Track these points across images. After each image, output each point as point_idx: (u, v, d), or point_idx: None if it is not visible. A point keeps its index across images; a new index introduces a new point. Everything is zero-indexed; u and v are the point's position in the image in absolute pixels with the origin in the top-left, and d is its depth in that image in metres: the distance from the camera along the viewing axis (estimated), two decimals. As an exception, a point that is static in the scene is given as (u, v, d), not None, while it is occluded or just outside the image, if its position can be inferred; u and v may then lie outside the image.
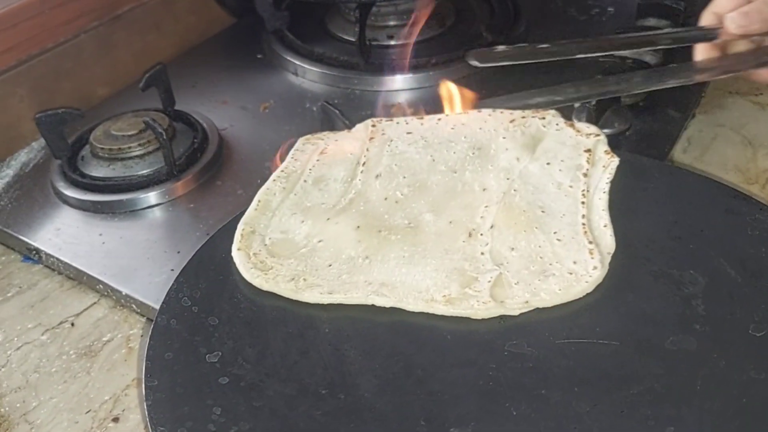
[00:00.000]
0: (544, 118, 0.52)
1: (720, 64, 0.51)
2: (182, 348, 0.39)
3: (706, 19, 0.51)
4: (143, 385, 0.37)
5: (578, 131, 0.51)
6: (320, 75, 0.71)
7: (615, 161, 0.49)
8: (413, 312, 0.41)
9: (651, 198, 0.48)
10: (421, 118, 0.54)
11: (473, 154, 0.50)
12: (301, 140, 0.54)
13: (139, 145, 0.60)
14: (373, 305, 0.41)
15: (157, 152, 0.60)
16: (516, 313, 0.41)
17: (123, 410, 0.44)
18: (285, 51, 0.74)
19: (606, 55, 0.62)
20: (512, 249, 0.44)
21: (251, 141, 0.64)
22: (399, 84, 0.69)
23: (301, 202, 0.49)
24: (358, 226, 0.46)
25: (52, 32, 0.68)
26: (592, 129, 0.51)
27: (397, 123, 0.54)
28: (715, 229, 0.45)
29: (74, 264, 0.53)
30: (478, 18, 0.76)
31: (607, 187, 0.47)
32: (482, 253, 0.44)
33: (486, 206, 0.47)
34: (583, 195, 0.47)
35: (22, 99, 0.67)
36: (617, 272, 0.43)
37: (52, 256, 0.54)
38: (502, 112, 0.53)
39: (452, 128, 0.52)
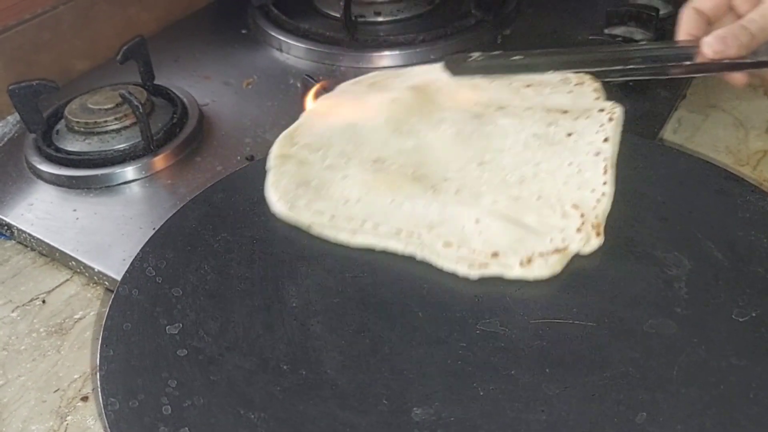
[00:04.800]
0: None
1: (695, 65, 0.49)
2: (142, 319, 0.38)
3: (687, 17, 0.49)
4: (98, 355, 0.36)
5: None
6: (305, 51, 0.70)
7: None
8: (386, 285, 0.40)
9: (639, 177, 0.46)
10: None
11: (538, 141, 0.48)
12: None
13: (116, 119, 0.59)
14: None
15: (134, 127, 0.59)
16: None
17: (93, 389, 0.43)
18: (270, 26, 0.73)
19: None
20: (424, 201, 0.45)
21: (233, 117, 0.63)
22: (385, 61, 0.68)
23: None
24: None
25: (30, 3, 0.66)
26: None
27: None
28: (705, 210, 0.44)
29: (47, 240, 0.52)
30: (467, -5, 0.74)
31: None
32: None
33: (457, 171, 0.47)
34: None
35: (-3, 71, 0.65)
36: (598, 252, 0.42)
37: (25, 232, 0.53)
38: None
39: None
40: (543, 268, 0.40)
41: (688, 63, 0.48)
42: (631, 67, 0.49)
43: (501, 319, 0.38)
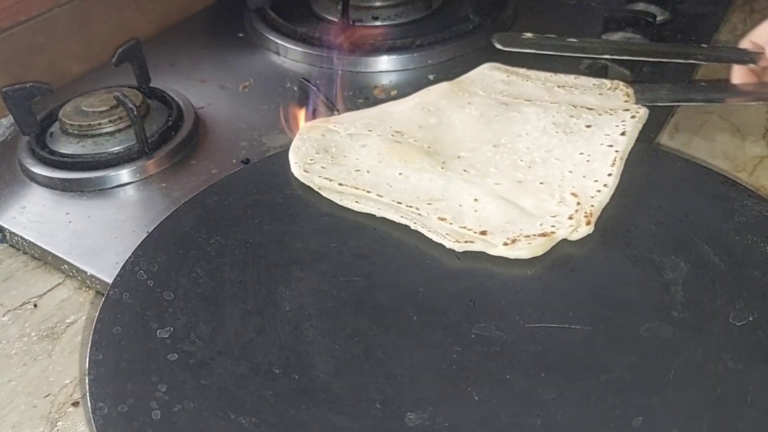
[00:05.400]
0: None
1: (754, 90, 0.51)
2: (132, 322, 0.38)
3: (744, 47, 0.51)
4: (87, 359, 0.36)
5: None
6: (302, 55, 0.70)
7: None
8: (380, 289, 0.40)
9: (636, 182, 0.46)
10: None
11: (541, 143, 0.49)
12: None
13: (110, 121, 0.58)
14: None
15: (128, 129, 0.58)
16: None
17: (84, 394, 0.43)
18: (267, 30, 0.73)
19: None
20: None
21: (228, 120, 0.63)
22: (383, 65, 0.68)
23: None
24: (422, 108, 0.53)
25: (26, 5, 0.66)
26: None
27: None
28: (701, 214, 0.44)
29: (39, 243, 0.52)
30: (465, 0, 0.74)
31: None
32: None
33: (470, 151, 0.48)
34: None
35: (-8, 74, 0.65)
36: (594, 255, 0.41)
37: (17, 235, 0.53)
38: None
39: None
40: (525, 250, 0.41)
41: (747, 92, 0.51)
42: (692, 61, 0.51)
43: (496, 324, 0.38)
